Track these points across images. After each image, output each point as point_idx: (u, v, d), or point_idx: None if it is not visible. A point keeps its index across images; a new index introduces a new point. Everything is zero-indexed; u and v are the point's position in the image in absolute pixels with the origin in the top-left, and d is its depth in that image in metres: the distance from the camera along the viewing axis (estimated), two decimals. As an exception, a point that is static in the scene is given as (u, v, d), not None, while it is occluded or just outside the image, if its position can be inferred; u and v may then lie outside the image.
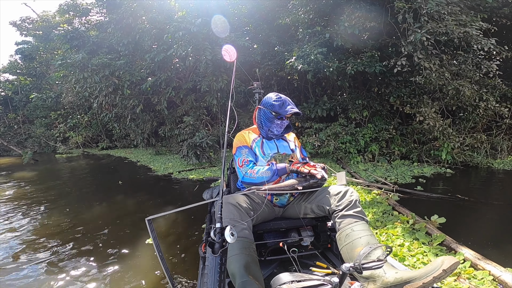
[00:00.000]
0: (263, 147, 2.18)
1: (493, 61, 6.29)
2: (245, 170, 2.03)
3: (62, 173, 9.40)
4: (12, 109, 18.11)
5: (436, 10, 5.51)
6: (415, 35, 5.65)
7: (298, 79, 9.25)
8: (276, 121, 2.17)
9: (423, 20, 5.66)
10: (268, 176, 1.95)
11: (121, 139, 14.22)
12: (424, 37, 5.57)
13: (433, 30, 5.59)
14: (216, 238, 1.20)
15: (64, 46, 10.43)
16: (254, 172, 1.99)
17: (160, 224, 4.08)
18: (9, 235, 4.04)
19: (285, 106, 2.15)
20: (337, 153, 7.33)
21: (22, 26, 16.87)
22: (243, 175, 2.03)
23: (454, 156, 6.45)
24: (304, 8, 7.13)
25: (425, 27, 5.59)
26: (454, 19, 5.66)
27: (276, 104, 2.14)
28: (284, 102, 2.16)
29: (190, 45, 7.76)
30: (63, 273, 2.94)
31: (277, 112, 2.14)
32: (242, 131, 2.31)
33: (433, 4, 5.51)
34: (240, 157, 2.12)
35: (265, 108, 2.19)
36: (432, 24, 5.61)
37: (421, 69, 6.01)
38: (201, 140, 8.26)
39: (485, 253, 2.58)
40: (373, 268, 1.25)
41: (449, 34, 5.58)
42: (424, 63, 5.85)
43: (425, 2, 5.61)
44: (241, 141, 2.20)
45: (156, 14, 8.71)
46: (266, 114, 2.18)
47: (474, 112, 6.84)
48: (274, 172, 1.96)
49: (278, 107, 2.14)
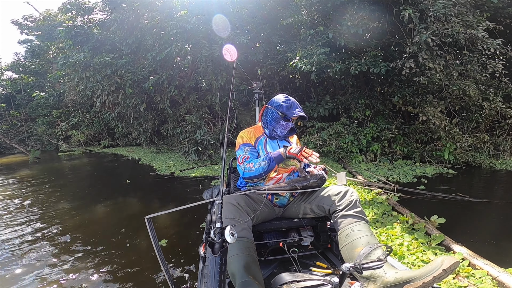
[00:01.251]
0: (266, 146, 2.18)
1: (498, 61, 6.26)
2: (244, 166, 2.05)
3: (66, 171, 9.43)
4: (14, 107, 18.17)
5: (443, 12, 5.47)
6: (420, 36, 5.61)
7: (300, 78, 9.23)
8: (282, 122, 2.16)
9: (429, 21, 5.62)
10: (265, 166, 1.94)
11: (123, 137, 14.27)
12: (430, 39, 5.55)
13: (438, 32, 5.55)
14: (216, 238, 1.20)
15: (67, 42, 10.45)
16: (251, 165, 2.00)
17: (161, 224, 4.09)
18: (17, 233, 4.06)
19: (293, 108, 2.14)
20: (339, 152, 7.32)
21: (24, 24, 16.90)
22: (243, 171, 2.05)
23: (456, 156, 6.43)
24: (307, 9, 7.09)
25: (431, 28, 5.56)
26: (460, 20, 5.62)
27: (285, 105, 2.13)
28: (293, 104, 2.15)
29: (188, 43, 7.77)
30: (60, 271, 2.96)
31: (284, 113, 2.13)
32: (246, 129, 2.31)
33: (440, 7, 5.47)
34: (241, 154, 2.12)
35: (272, 108, 2.18)
36: (438, 25, 5.57)
37: (426, 69, 5.98)
38: (202, 137, 8.28)
39: (485, 253, 2.58)
40: (373, 268, 1.25)
41: (454, 36, 5.55)
42: (429, 64, 5.82)
43: (431, 4, 5.57)
44: (244, 139, 2.20)
45: (157, 13, 8.71)
46: (272, 114, 2.17)
47: (477, 112, 6.81)
48: (269, 159, 1.95)
49: (286, 108, 2.13)
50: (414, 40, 5.82)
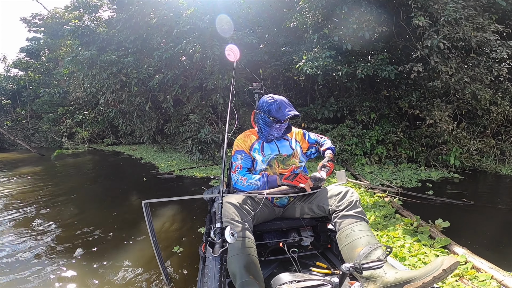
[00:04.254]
0: (263, 149, 2.15)
1: (505, 64, 6.20)
2: (237, 176, 2.07)
3: (70, 169, 9.49)
4: (20, 104, 18.32)
5: (454, 17, 5.41)
6: (432, 41, 5.56)
7: (304, 79, 9.21)
8: (275, 125, 2.10)
9: (439, 25, 5.56)
10: (256, 186, 1.98)
11: (127, 136, 14.34)
12: (441, 43, 5.49)
13: (450, 36, 5.49)
14: (216, 238, 1.21)
15: (74, 42, 10.53)
16: (244, 180, 2.02)
17: (161, 224, 4.07)
18: (29, 232, 4.09)
19: (282, 109, 2.06)
20: (343, 154, 7.28)
21: (32, 22, 17.05)
22: (235, 182, 2.09)
23: (462, 161, 6.36)
24: (312, 11, 7.06)
25: (442, 32, 5.50)
26: (471, 23, 5.57)
27: (273, 108, 2.07)
28: (281, 105, 2.08)
29: (198, 42, 7.79)
30: (56, 269, 2.97)
31: (274, 117, 2.07)
32: (242, 134, 2.27)
33: (451, 11, 5.41)
34: (235, 162, 2.13)
35: (261, 112, 2.13)
36: (449, 28, 5.52)
37: (436, 73, 5.92)
38: (206, 136, 8.30)
39: (490, 257, 2.54)
40: (373, 268, 1.25)
41: (466, 39, 5.48)
42: (441, 67, 5.76)
43: (442, 9, 5.52)
44: (239, 146, 2.17)
45: (164, 11, 8.74)
46: (264, 119, 2.12)
47: (484, 116, 6.74)
48: (263, 184, 1.97)
49: (275, 111, 2.06)
50: (425, 44, 5.76)
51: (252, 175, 2.06)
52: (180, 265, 2.92)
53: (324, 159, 2.17)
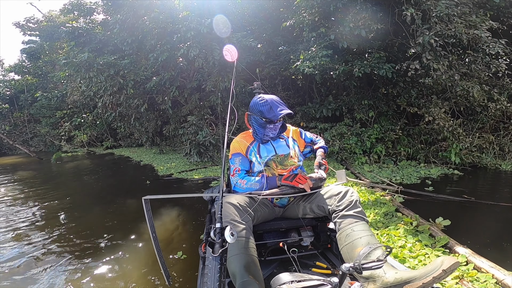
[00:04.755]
0: (260, 151, 2.13)
1: (502, 61, 6.20)
2: (236, 179, 2.08)
3: (70, 172, 9.47)
4: (18, 108, 18.26)
5: (446, 13, 5.42)
6: (424, 37, 5.57)
7: (302, 78, 9.21)
8: (268, 125, 2.09)
9: (432, 22, 5.57)
10: (255, 188, 2.00)
11: (125, 138, 14.29)
12: (433, 40, 5.51)
13: (441, 33, 5.51)
14: (216, 238, 1.20)
15: (70, 43, 10.50)
16: (243, 182, 2.04)
17: (161, 224, 4.07)
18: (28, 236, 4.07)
19: (273, 109, 2.04)
20: (342, 153, 7.28)
21: (26, 26, 16.98)
22: (234, 185, 2.11)
23: (462, 157, 6.36)
24: (309, 10, 7.06)
25: (434, 28, 5.51)
26: (463, 20, 5.57)
27: (264, 109, 2.05)
28: (272, 105, 2.06)
29: (199, 46, 7.76)
30: (60, 271, 2.95)
31: (267, 117, 2.06)
32: (238, 136, 2.26)
33: (443, 7, 5.42)
34: (233, 165, 2.14)
35: (254, 114, 2.12)
36: (441, 26, 5.52)
37: (430, 70, 5.93)
38: (204, 138, 8.27)
39: (490, 255, 2.53)
40: (373, 268, 1.24)
41: (457, 36, 5.50)
42: (433, 64, 5.77)
43: (434, 5, 5.53)
44: (235, 148, 2.17)
45: (158, 13, 8.72)
46: (257, 121, 2.11)
47: (482, 112, 6.74)
48: (262, 184, 1.98)
49: (267, 112, 2.05)
50: (417, 41, 5.78)
51: (251, 177, 2.06)
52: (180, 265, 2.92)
53: (317, 158, 2.21)
